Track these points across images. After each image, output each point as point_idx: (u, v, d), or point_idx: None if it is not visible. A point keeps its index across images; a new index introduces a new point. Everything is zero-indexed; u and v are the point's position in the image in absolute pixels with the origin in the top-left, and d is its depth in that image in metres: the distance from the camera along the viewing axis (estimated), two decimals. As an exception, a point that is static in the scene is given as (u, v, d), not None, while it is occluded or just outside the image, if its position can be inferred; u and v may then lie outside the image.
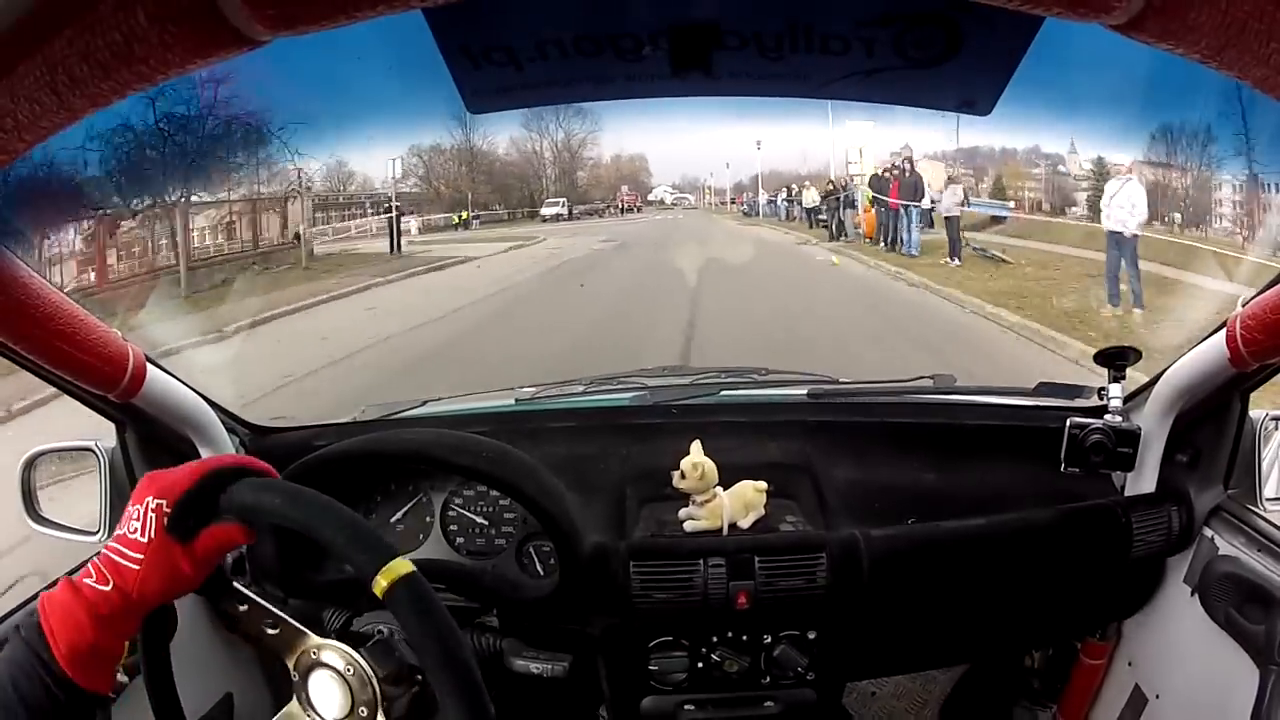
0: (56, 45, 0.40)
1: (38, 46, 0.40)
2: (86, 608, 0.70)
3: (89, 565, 0.74)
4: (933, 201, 5.47)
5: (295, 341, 5.03)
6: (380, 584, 0.68)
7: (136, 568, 0.72)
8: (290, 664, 0.83)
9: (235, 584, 0.83)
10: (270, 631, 0.83)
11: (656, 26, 0.75)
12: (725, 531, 1.17)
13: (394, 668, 0.82)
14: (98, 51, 0.40)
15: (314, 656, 0.81)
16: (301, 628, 0.82)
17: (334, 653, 0.81)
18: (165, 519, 0.74)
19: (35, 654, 0.69)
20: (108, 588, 0.72)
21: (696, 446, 1.16)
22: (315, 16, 0.39)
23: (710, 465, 1.15)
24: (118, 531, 0.75)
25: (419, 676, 0.83)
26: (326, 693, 0.81)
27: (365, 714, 0.79)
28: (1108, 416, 1.22)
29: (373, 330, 5.06)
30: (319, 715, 0.81)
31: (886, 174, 5.59)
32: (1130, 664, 1.38)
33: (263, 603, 0.83)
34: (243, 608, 0.83)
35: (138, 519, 0.74)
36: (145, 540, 0.73)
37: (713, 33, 0.75)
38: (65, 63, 0.40)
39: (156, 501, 0.74)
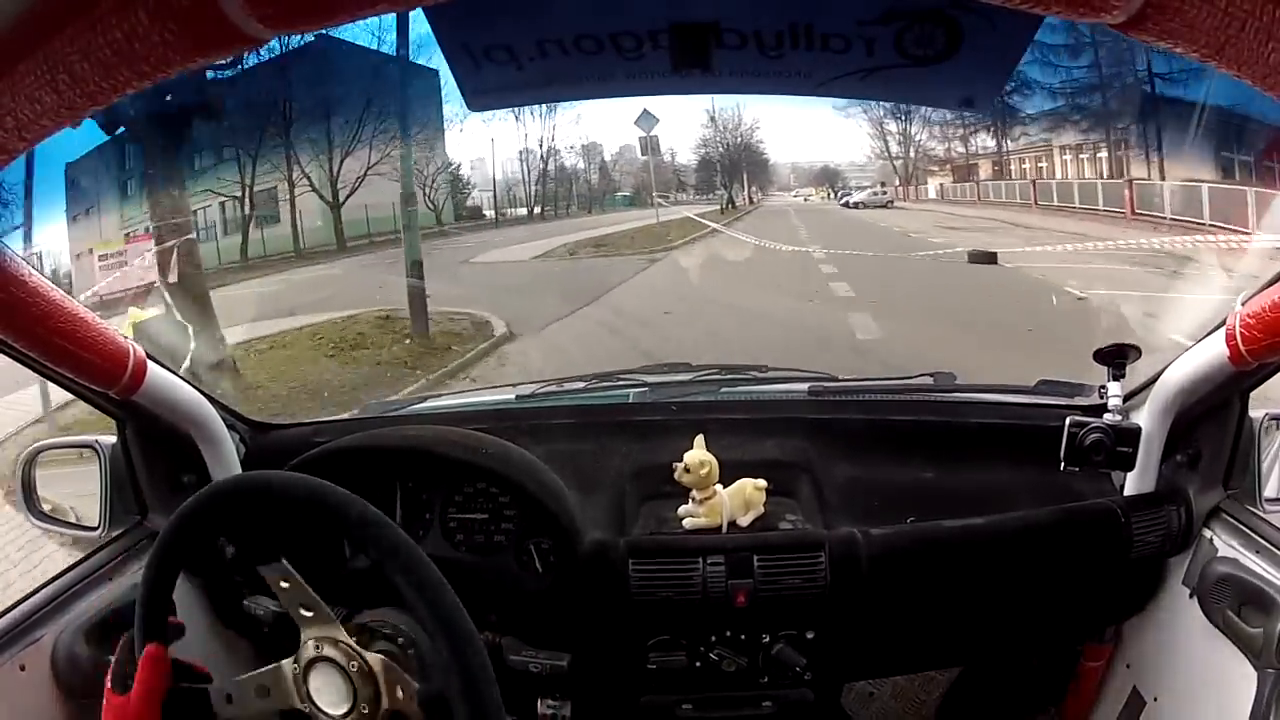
0: (57, 43, 0.40)
1: (39, 45, 0.40)
2: None
3: None
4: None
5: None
6: None
7: None
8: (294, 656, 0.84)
9: (283, 561, 0.85)
10: (305, 613, 0.83)
11: (657, 25, 0.75)
12: (725, 529, 1.17)
13: (402, 667, 0.82)
14: (98, 50, 0.40)
15: (317, 650, 0.82)
16: (332, 616, 0.83)
17: (338, 648, 0.81)
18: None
19: None
20: None
21: (700, 441, 1.17)
22: (315, 15, 0.39)
23: (713, 460, 1.16)
24: None
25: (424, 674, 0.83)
26: (328, 686, 0.81)
27: (366, 710, 0.80)
28: (1107, 415, 1.21)
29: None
30: (319, 708, 0.81)
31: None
32: (1128, 666, 1.38)
33: (304, 584, 0.84)
34: (284, 585, 0.84)
35: None
36: None
37: (713, 31, 0.75)
38: (66, 61, 0.40)
39: None
